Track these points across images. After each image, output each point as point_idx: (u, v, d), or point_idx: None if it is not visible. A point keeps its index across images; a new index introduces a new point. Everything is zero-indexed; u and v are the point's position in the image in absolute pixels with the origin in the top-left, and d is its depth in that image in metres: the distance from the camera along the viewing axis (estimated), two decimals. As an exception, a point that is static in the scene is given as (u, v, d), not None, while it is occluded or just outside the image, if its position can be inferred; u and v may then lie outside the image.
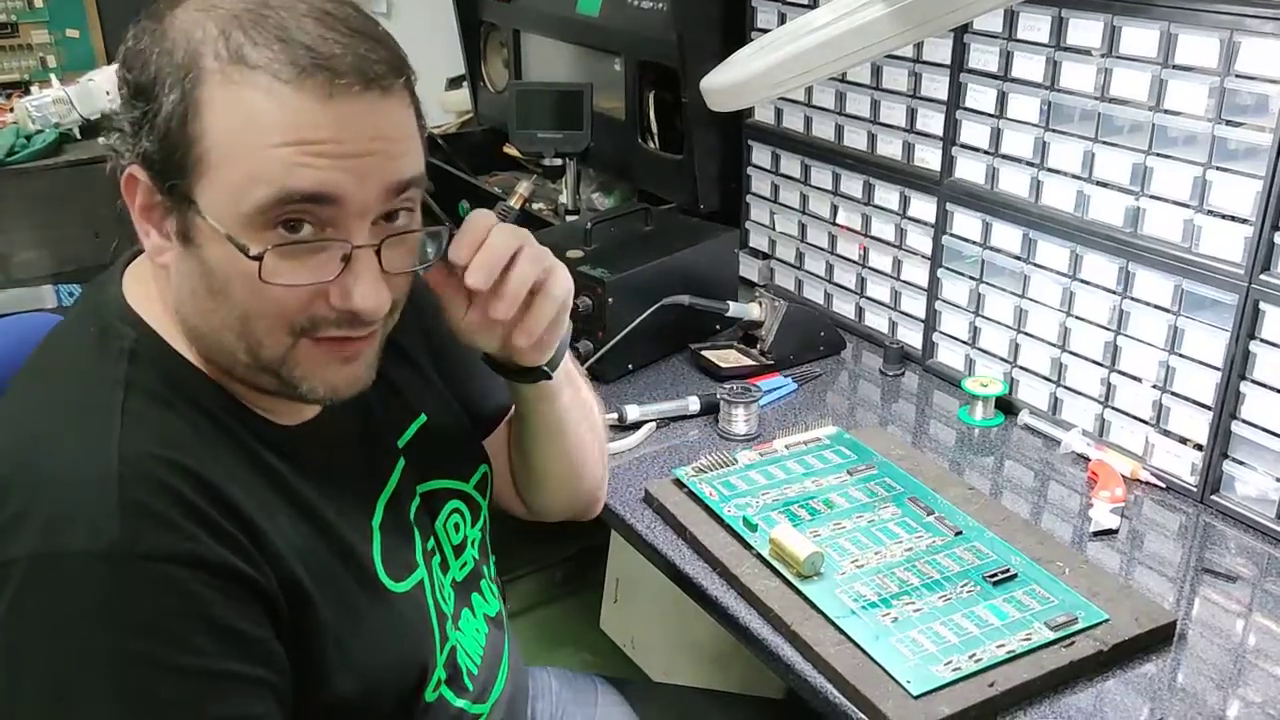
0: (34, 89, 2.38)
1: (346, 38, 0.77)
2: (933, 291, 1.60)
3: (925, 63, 1.53)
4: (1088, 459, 1.38)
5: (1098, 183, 1.34)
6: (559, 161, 2.06)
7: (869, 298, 1.72)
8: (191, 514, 0.75)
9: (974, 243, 1.51)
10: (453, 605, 1.00)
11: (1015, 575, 1.12)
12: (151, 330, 0.83)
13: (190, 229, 0.78)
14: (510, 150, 2.30)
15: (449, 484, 1.03)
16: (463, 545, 1.04)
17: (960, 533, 1.19)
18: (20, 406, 0.83)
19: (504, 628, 1.09)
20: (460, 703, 0.97)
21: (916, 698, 0.97)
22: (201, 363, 0.83)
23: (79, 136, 2.25)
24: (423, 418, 1.03)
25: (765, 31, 1.71)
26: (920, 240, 1.60)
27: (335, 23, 0.77)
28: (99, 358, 0.81)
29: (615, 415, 1.45)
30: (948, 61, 1.49)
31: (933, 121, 1.54)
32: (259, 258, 0.76)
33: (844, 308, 1.77)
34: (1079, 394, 1.42)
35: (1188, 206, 1.25)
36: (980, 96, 1.46)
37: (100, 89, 2.24)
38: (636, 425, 1.45)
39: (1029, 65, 1.38)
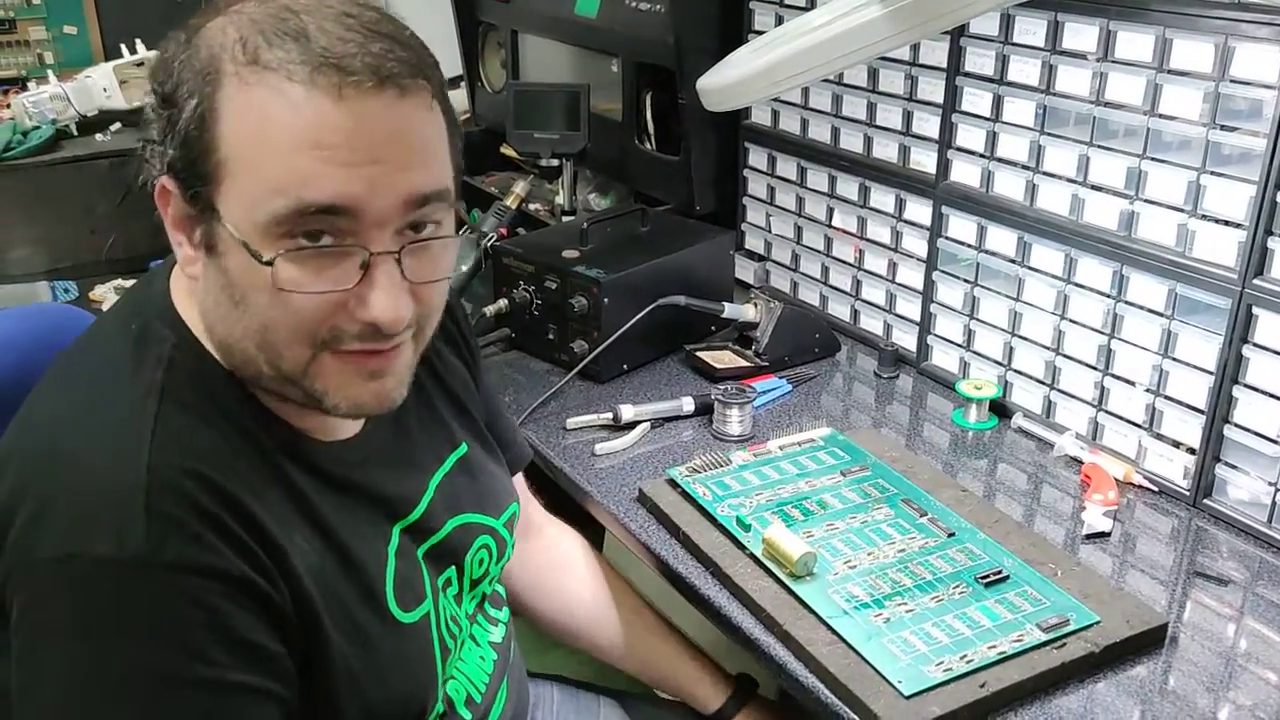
0: (31, 85, 2.37)
1: (364, 37, 0.76)
2: (928, 294, 1.60)
3: (921, 66, 1.53)
4: (1081, 462, 1.38)
5: (1092, 186, 1.34)
6: (555, 162, 2.05)
7: (864, 300, 1.73)
8: (215, 527, 0.75)
9: (969, 246, 1.52)
10: (463, 635, 1.00)
11: (1007, 577, 1.12)
12: (191, 335, 0.82)
13: (214, 237, 0.78)
14: (507, 150, 2.30)
15: (480, 519, 1.03)
16: (483, 578, 1.04)
17: (953, 534, 1.19)
18: (54, 403, 0.83)
19: (509, 648, 1.10)
20: None
21: (908, 698, 0.97)
22: (234, 370, 0.83)
23: (76, 133, 2.24)
24: (464, 448, 1.03)
25: (762, 33, 1.71)
26: (915, 243, 1.61)
27: (355, 24, 0.76)
28: (137, 362, 0.81)
29: (610, 415, 1.45)
30: (944, 65, 1.49)
31: (929, 124, 1.54)
32: (270, 263, 0.75)
33: (839, 310, 1.77)
34: (1073, 397, 1.42)
35: (1182, 211, 1.25)
36: (976, 100, 1.46)
37: (98, 86, 2.24)
38: (631, 425, 1.45)
39: (1025, 69, 1.39)
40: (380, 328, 0.78)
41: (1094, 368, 1.39)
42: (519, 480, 1.21)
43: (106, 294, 1.95)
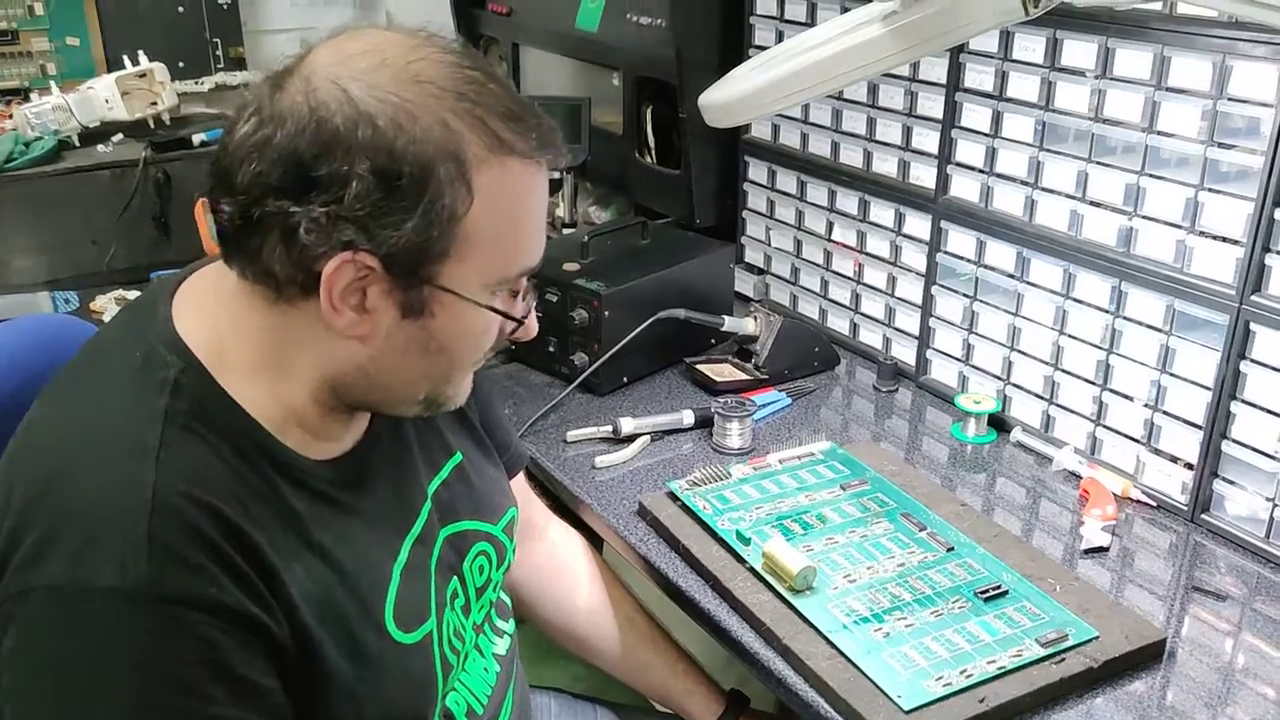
0: (34, 96, 2.38)
1: (528, 101, 0.83)
2: (927, 308, 1.61)
3: (921, 81, 1.54)
4: (1079, 477, 1.38)
5: (1091, 202, 1.35)
6: (556, 174, 2.06)
7: (863, 314, 1.73)
8: (216, 557, 0.75)
9: (968, 260, 1.52)
10: (467, 647, 1.00)
11: (1006, 592, 1.12)
12: (197, 361, 0.82)
13: (422, 302, 0.81)
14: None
15: (478, 525, 1.03)
16: (485, 587, 1.04)
17: (952, 549, 1.19)
18: (55, 426, 0.82)
19: (513, 660, 1.09)
20: None
21: (907, 712, 0.97)
22: (242, 398, 0.82)
23: (78, 144, 2.25)
24: (458, 456, 1.03)
25: (763, 48, 1.71)
26: (915, 257, 1.61)
27: (510, 86, 0.84)
28: (141, 386, 0.80)
29: (610, 428, 1.46)
30: (944, 81, 1.50)
31: (928, 140, 1.55)
32: (523, 320, 0.88)
33: (838, 323, 1.78)
34: (1071, 412, 1.43)
35: (1180, 227, 1.26)
36: (975, 116, 1.47)
37: (99, 97, 2.24)
38: (631, 438, 1.45)
39: (1024, 85, 1.40)
40: (528, 340, 0.92)
41: (1093, 383, 1.39)
42: (520, 481, 1.21)
43: (107, 305, 1.95)
